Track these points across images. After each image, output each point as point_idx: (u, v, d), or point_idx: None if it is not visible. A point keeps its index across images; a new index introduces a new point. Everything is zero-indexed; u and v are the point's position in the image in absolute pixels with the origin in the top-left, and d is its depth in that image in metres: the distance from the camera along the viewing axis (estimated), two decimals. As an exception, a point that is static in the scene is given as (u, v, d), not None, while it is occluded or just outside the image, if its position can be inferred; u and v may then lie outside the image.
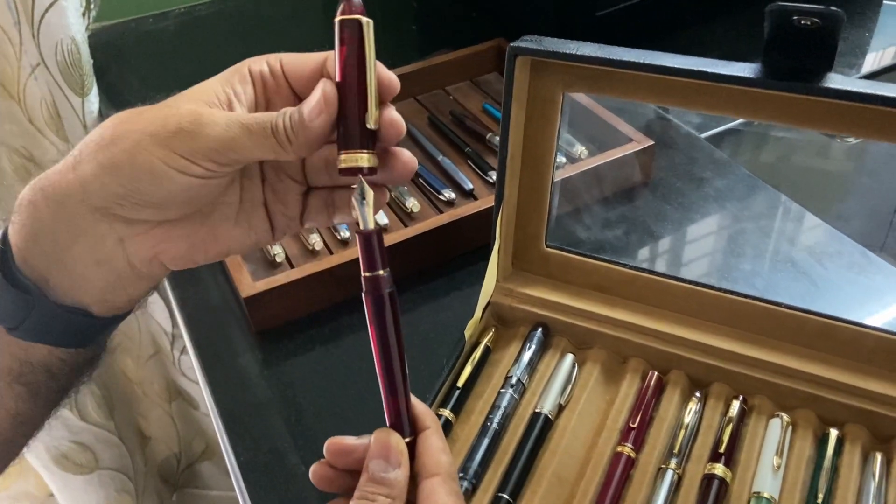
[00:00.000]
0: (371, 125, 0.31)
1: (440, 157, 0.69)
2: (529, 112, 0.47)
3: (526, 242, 0.52)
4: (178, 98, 0.32)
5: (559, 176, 0.62)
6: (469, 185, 0.65)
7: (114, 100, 0.86)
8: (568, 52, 0.43)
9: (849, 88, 0.37)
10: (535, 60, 0.45)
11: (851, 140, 0.84)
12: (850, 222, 0.78)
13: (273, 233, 0.36)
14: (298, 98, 0.34)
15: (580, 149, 0.67)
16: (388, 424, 0.33)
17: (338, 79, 0.31)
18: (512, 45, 0.44)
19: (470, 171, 0.68)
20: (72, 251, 0.32)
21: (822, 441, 0.43)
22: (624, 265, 0.50)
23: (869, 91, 0.37)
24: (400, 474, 0.31)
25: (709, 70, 0.40)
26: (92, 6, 0.86)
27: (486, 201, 0.61)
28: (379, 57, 0.32)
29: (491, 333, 0.51)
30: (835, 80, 0.38)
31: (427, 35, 0.94)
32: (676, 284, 0.48)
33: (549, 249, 0.52)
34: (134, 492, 1.04)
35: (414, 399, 0.34)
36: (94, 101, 0.83)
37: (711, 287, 0.47)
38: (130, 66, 0.92)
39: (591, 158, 0.64)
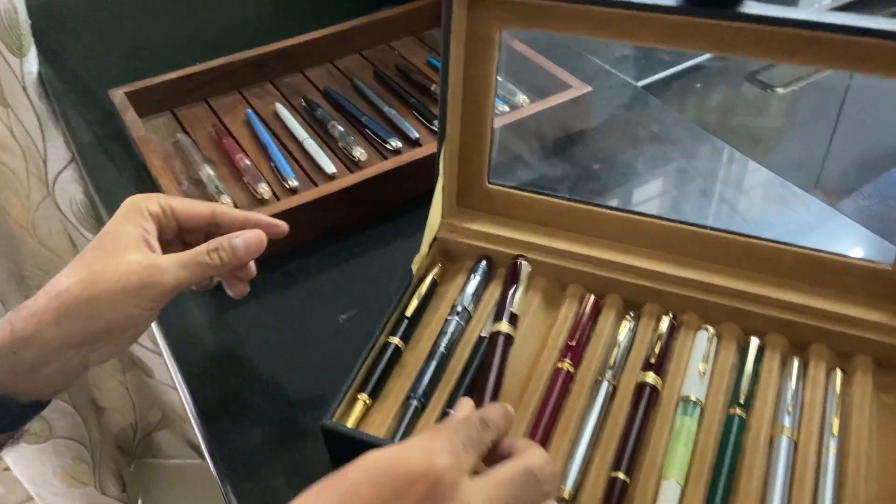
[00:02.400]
0: None
1: (386, 108, 0.70)
2: (468, 50, 0.49)
3: (469, 180, 0.54)
4: (114, 247, 0.42)
5: (502, 122, 0.64)
6: (415, 134, 0.67)
7: (54, 64, 0.84)
8: (502, -13, 0.45)
9: (762, 13, 0.40)
10: (471, -2, 0.47)
11: (781, 90, 0.88)
12: (782, 165, 0.82)
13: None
14: (182, 230, 0.46)
15: (522, 97, 0.69)
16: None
17: None
18: (448, -19, 0.46)
19: (415, 121, 0.69)
20: (41, 371, 0.41)
21: (744, 350, 0.46)
22: (561, 197, 0.52)
23: (781, 15, 0.40)
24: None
25: (635, 0, 0.42)
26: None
27: (430, 148, 0.62)
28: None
29: (437, 268, 0.53)
30: (751, 7, 0.41)
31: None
32: (611, 213, 0.51)
33: (491, 186, 0.54)
34: (91, 461, 1.04)
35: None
36: (32, 61, 0.81)
37: (643, 214, 0.50)
38: (70, 31, 0.90)
39: (531, 105, 0.66)
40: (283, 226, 0.48)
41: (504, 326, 0.47)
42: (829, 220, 0.61)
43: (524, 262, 0.50)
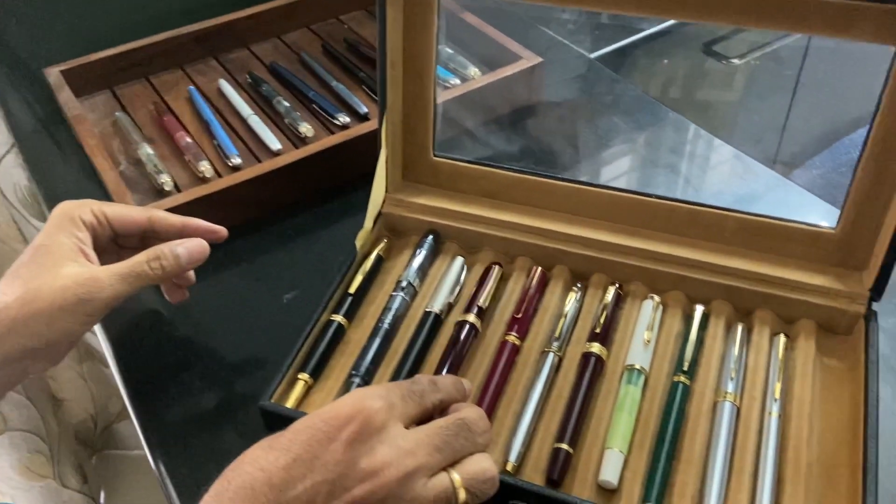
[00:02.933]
0: None
1: (334, 83, 0.68)
2: (407, 16, 0.47)
3: (414, 153, 0.52)
4: (49, 260, 0.41)
5: (452, 95, 0.63)
6: (364, 109, 0.65)
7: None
8: (437, -50, 0.43)
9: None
10: (406, -38, 0.45)
11: (737, 61, 0.88)
12: (737, 135, 0.82)
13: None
14: (118, 235, 0.46)
15: (473, 70, 0.68)
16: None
17: None
18: (382, -55, 0.44)
19: (364, 96, 0.68)
20: None
21: (689, 317, 0.46)
22: (508, 169, 0.51)
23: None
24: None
25: (570, -38, 0.41)
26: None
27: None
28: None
29: (383, 244, 0.52)
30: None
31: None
32: (558, 184, 0.50)
33: (437, 159, 0.52)
34: (49, 453, 1.01)
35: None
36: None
37: (588, 184, 0.49)
38: (8, 10, 0.87)
39: (482, 77, 0.65)
40: (223, 231, 0.48)
41: (471, 318, 0.46)
42: (780, 189, 0.61)
43: (497, 267, 0.49)
